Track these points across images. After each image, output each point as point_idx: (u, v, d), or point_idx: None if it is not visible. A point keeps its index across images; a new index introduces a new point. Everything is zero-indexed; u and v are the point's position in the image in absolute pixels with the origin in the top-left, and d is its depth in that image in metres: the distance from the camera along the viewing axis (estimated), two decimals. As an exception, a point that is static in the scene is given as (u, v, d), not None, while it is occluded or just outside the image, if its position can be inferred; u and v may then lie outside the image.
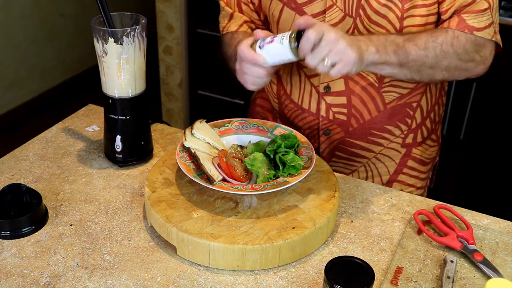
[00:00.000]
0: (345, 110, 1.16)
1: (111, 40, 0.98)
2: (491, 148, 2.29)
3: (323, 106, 1.16)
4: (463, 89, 2.10)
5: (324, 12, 1.09)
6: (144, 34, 1.02)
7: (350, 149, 1.21)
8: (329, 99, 1.16)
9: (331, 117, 1.17)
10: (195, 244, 0.86)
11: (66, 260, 0.88)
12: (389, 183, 1.25)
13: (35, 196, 0.97)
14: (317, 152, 1.22)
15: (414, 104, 1.18)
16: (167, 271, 0.87)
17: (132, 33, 0.99)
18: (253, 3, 1.23)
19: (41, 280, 0.84)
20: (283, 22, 1.15)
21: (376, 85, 1.13)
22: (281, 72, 1.22)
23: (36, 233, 0.93)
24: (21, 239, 0.92)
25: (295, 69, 1.19)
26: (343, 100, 1.15)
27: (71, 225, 0.95)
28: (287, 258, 0.88)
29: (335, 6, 1.08)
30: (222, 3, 1.27)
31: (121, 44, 0.99)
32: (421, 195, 1.29)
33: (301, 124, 1.22)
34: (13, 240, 0.92)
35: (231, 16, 1.25)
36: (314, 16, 1.09)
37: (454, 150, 2.30)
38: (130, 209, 1.00)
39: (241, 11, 1.24)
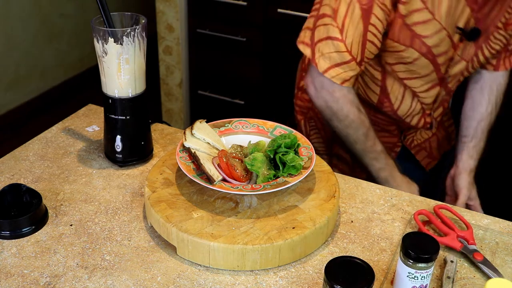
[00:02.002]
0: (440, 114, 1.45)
1: (111, 40, 0.98)
2: (491, 148, 2.29)
3: (423, 120, 1.39)
4: (463, 89, 2.10)
5: (450, 60, 1.26)
6: (144, 34, 1.02)
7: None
8: (435, 113, 1.42)
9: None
10: (195, 244, 0.86)
11: (66, 260, 0.88)
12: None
13: (35, 196, 0.97)
14: (400, 128, 1.39)
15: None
16: (167, 271, 0.87)
17: (132, 33, 0.99)
18: (376, 46, 1.19)
19: (41, 280, 0.84)
20: (418, 67, 1.25)
21: (453, 88, 1.39)
22: (389, 88, 1.30)
23: (36, 233, 0.93)
24: (21, 239, 0.92)
25: (409, 93, 1.32)
26: (440, 110, 1.42)
27: (71, 225, 0.95)
28: (287, 258, 0.88)
29: (456, 56, 1.26)
30: (341, 44, 1.16)
31: (121, 44, 0.99)
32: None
33: (392, 128, 1.39)
34: (13, 240, 0.92)
35: (346, 63, 1.18)
36: (443, 63, 1.26)
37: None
38: (130, 209, 1.00)
39: (362, 59, 1.19)
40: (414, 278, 0.75)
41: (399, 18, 1.15)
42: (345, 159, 1.43)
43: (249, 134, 1.06)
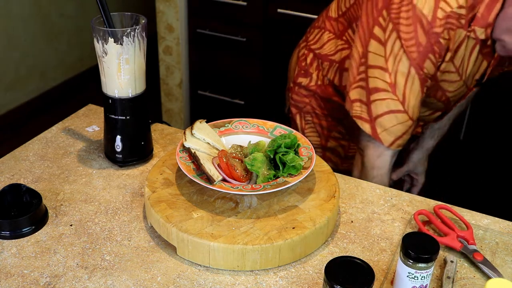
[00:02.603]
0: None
1: (111, 40, 0.98)
2: (491, 148, 2.29)
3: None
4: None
5: (463, 97, 1.31)
6: (144, 34, 1.02)
7: None
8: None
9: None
10: (195, 244, 0.86)
11: (66, 260, 0.88)
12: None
13: (35, 196, 0.97)
14: None
15: None
16: (167, 271, 0.87)
17: (132, 33, 0.99)
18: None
19: (41, 280, 0.84)
20: (430, 106, 1.32)
21: None
22: None
23: (36, 233, 0.93)
24: (21, 239, 0.92)
25: None
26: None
27: (71, 225, 0.95)
28: (287, 258, 0.88)
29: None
30: (404, 115, 1.18)
31: (121, 44, 0.99)
32: None
33: None
34: (13, 240, 0.92)
35: (410, 128, 1.22)
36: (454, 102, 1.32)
37: (454, 150, 2.30)
38: (130, 209, 1.00)
39: (417, 114, 1.22)
40: (414, 278, 0.75)
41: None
42: (338, 152, 1.47)
43: (249, 134, 1.06)
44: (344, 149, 1.44)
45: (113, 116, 1.06)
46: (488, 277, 0.86)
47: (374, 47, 1.16)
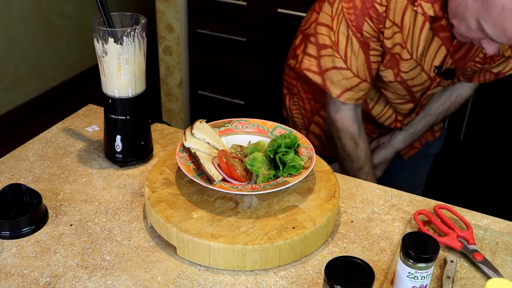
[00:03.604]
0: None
1: (111, 40, 0.98)
2: (491, 148, 2.29)
3: (397, 124, 1.46)
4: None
5: (427, 88, 1.33)
6: (144, 34, 1.02)
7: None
8: (406, 120, 1.47)
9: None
10: (195, 244, 0.86)
11: (66, 260, 0.88)
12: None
13: (35, 196, 0.97)
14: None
15: None
16: (167, 271, 0.87)
17: (132, 33, 0.99)
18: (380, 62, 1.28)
19: (41, 280, 0.84)
20: (392, 88, 1.33)
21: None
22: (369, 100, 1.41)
23: (36, 233, 0.93)
24: (21, 239, 0.92)
25: (384, 99, 1.40)
26: (414, 116, 1.46)
27: (71, 225, 0.95)
28: (287, 258, 0.88)
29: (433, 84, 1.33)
30: (348, 72, 1.27)
31: (121, 44, 0.99)
32: None
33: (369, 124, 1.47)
34: (13, 240, 0.92)
35: (357, 85, 1.28)
36: (419, 91, 1.34)
37: (454, 150, 2.30)
38: (130, 209, 1.00)
39: (371, 77, 1.28)
40: (414, 278, 0.75)
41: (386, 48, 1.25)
42: (320, 137, 1.50)
43: (249, 134, 1.06)
44: (326, 135, 1.48)
45: (113, 116, 1.06)
46: (488, 277, 0.86)
47: (325, 7, 1.26)
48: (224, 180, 0.93)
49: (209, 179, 0.91)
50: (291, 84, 1.52)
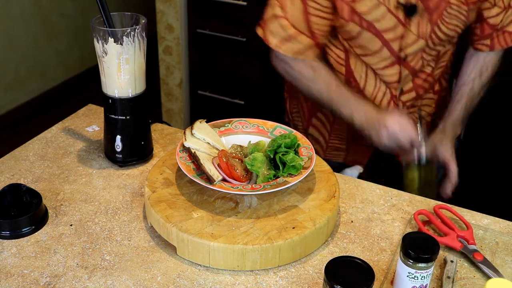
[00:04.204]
0: (414, 102, 1.38)
1: (111, 40, 0.98)
2: (491, 148, 2.29)
3: (400, 105, 1.37)
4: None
5: (401, 37, 1.25)
6: (144, 34, 1.02)
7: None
8: (404, 97, 1.35)
9: (401, 108, 1.38)
10: (195, 244, 0.86)
11: (66, 260, 0.88)
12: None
13: (35, 196, 0.97)
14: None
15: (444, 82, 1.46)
16: (167, 271, 0.87)
17: (132, 33, 0.99)
18: (325, 19, 1.24)
19: (41, 280, 0.84)
20: (364, 42, 1.27)
21: (432, 73, 1.35)
22: (352, 67, 1.34)
23: (36, 233, 0.93)
24: (21, 239, 0.92)
25: (371, 72, 1.33)
26: (413, 94, 1.36)
27: (71, 225, 0.95)
28: (287, 258, 0.88)
29: (410, 33, 1.25)
30: (284, 21, 1.24)
31: (121, 44, 0.99)
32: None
33: None
34: (13, 240, 0.92)
35: (294, 37, 1.25)
36: (393, 39, 1.26)
37: (454, 150, 2.29)
38: (130, 209, 1.00)
39: (312, 33, 1.24)
40: (414, 278, 0.75)
41: None
42: (319, 140, 1.47)
43: (249, 134, 1.06)
44: (325, 139, 1.46)
45: (113, 116, 1.06)
46: (488, 277, 0.86)
47: None
48: (224, 180, 0.93)
49: (209, 179, 0.91)
50: (290, 86, 1.50)
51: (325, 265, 0.72)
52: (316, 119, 1.46)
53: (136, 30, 0.99)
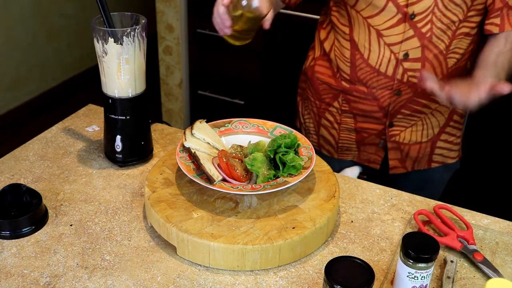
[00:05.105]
0: (418, 74, 1.30)
1: (111, 40, 0.98)
2: (491, 148, 2.29)
3: (400, 71, 1.30)
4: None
5: None
6: (144, 34, 1.02)
7: (414, 107, 1.36)
8: (407, 64, 1.29)
9: (405, 80, 1.31)
10: (195, 244, 0.86)
11: (66, 260, 0.88)
12: (439, 134, 1.42)
13: (35, 196, 0.97)
14: (386, 110, 1.35)
15: (463, 68, 1.35)
16: (167, 271, 0.87)
17: (132, 33, 0.99)
18: None
19: (41, 280, 0.84)
20: None
21: (444, 52, 1.29)
22: (356, 38, 1.33)
23: (36, 233, 0.93)
24: (21, 239, 0.92)
25: (374, 36, 1.31)
26: (418, 65, 1.29)
27: (71, 225, 0.96)
28: (287, 258, 0.88)
29: None
30: None
31: (121, 44, 0.99)
32: (459, 143, 1.47)
33: (375, 85, 1.35)
34: (13, 240, 0.92)
35: None
36: None
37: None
38: (130, 209, 1.00)
39: None
40: (414, 278, 0.75)
41: None
42: (330, 141, 1.47)
43: (249, 134, 1.06)
44: (335, 139, 1.46)
45: (113, 116, 1.06)
46: (488, 277, 0.86)
47: None
48: (224, 180, 0.93)
49: (209, 179, 0.91)
50: (303, 89, 1.51)
51: (325, 265, 0.72)
52: (324, 119, 1.46)
53: (136, 30, 0.99)
